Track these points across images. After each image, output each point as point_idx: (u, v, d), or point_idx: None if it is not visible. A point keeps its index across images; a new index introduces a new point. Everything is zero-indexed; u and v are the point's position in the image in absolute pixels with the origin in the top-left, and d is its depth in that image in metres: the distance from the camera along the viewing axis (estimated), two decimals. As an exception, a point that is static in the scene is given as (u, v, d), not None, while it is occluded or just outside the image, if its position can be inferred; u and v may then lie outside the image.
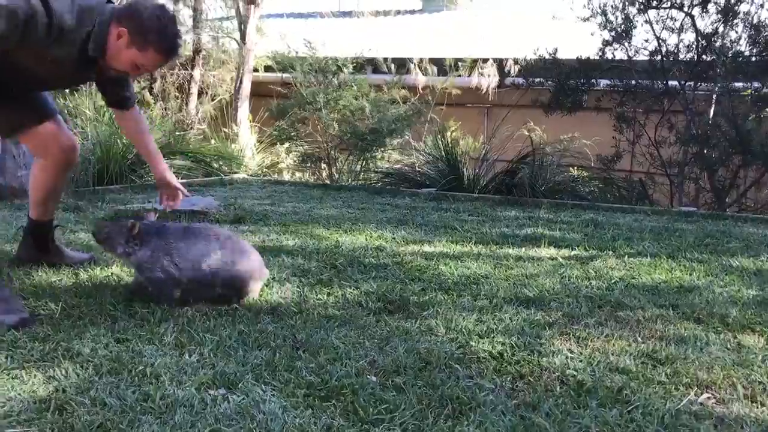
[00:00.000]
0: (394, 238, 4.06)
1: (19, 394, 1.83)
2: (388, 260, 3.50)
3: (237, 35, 10.79)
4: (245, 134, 10.21)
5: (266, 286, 2.95)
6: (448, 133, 8.51)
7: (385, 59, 10.12)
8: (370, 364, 2.15)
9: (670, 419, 1.86)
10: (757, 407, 1.97)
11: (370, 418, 1.78)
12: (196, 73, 11.27)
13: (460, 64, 9.94)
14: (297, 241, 3.89)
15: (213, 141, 9.11)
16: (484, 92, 9.95)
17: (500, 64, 9.89)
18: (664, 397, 2.00)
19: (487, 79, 10.15)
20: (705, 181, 6.71)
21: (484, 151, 7.15)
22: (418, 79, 10.04)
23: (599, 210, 5.33)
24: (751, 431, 1.81)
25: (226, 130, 9.84)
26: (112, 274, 3.04)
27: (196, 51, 11.44)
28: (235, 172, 7.83)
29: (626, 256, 3.76)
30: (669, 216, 5.25)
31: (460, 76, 9.88)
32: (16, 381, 1.93)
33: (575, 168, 7.19)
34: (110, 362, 2.05)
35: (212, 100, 11.50)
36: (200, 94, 11.52)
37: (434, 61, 10.25)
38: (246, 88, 10.36)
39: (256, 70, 10.85)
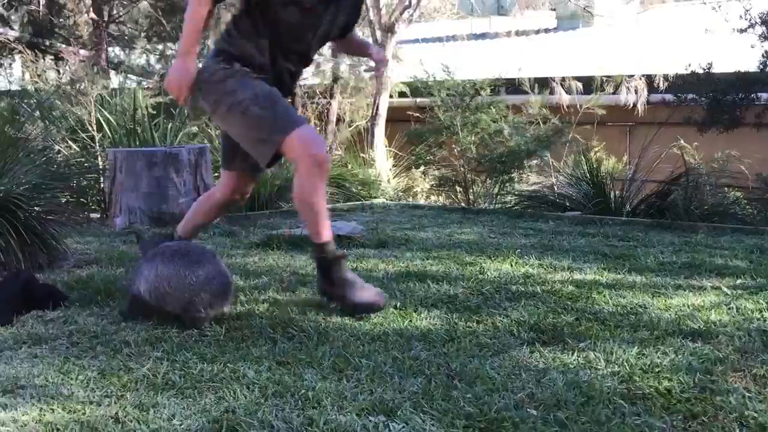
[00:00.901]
0: (540, 264, 3.95)
1: (194, 413, 1.94)
2: (536, 288, 3.41)
3: (373, 63, 11.09)
4: (381, 159, 10.42)
5: (414, 311, 2.96)
6: (592, 153, 8.25)
7: (522, 79, 9.99)
8: (529, 396, 2.09)
9: None
10: None
11: (531, 454, 1.72)
12: (335, 101, 11.67)
13: (604, 80, 9.64)
14: (440, 266, 3.88)
15: (350, 166, 9.36)
16: (629, 110, 9.58)
17: (649, 80, 9.50)
18: None
19: (635, 96, 9.78)
20: None
21: (631, 172, 6.83)
22: (561, 98, 9.83)
23: (764, 235, 4.92)
24: None
25: (364, 156, 10.09)
26: (269, 297, 3.17)
27: (335, 79, 11.86)
28: (374, 197, 7.99)
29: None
30: None
31: (605, 92, 9.58)
32: (189, 400, 2.04)
33: (733, 189, 6.71)
34: (274, 385, 2.13)
35: (349, 126, 11.86)
36: (338, 121, 11.91)
37: (577, 79, 10.01)
38: (382, 114, 10.60)
39: (391, 96, 11.08)
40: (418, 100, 9.99)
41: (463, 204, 8.22)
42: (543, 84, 9.84)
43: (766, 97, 6.64)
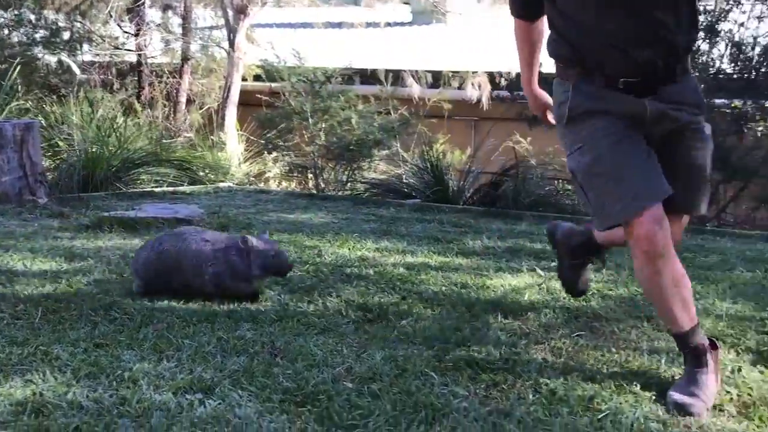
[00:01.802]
0: (377, 248, 4.09)
1: (-3, 397, 1.85)
2: (369, 270, 3.53)
3: (226, 44, 10.83)
4: (233, 143, 10.23)
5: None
6: (437, 145, 8.59)
7: (375, 70, 10.18)
8: (347, 371, 2.18)
9: (639, 427, 1.90)
10: (725, 417, 2.01)
11: (344, 424, 1.81)
12: (185, 81, 11.30)
13: (451, 75, 10.04)
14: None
15: (200, 149, 9.12)
16: (474, 105, 10.03)
17: (491, 77, 9.98)
18: (634, 406, 2.04)
19: (478, 92, 10.25)
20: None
21: (468, 163, 7.20)
22: (412, 90, 10.11)
23: (582, 222, 5.37)
24: (716, 439, 1.85)
25: (214, 138, 9.86)
26: (94, 280, 3.06)
27: (185, 59, 11.47)
28: (221, 181, 7.85)
29: (605, 269, 3.81)
30: (649, 230, 5.31)
31: (451, 87, 9.97)
32: (-7, 384, 1.94)
33: (559, 181, 7.25)
34: (89, 366, 2.07)
35: (200, 108, 11.53)
36: (188, 102, 11.54)
37: (427, 74, 10.34)
38: (234, 97, 10.39)
39: (244, 79, 10.89)
40: (273, 84, 9.91)
41: (313, 190, 8.28)
42: (396, 76, 10.10)
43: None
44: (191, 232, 3.06)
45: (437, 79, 10.33)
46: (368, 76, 10.16)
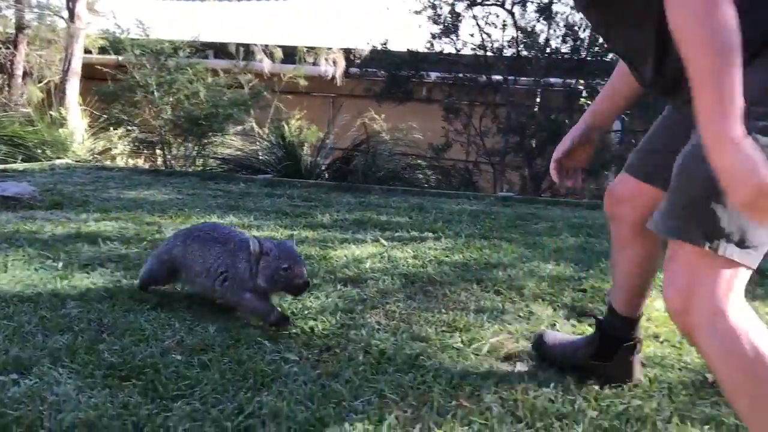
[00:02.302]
0: (221, 223, 4.03)
1: None
2: (212, 244, 3.48)
3: (65, 13, 10.13)
4: (75, 118, 9.63)
5: (78, 272, 2.85)
6: (293, 121, 8.55)
7: (226, 44, 9.93)
8: (178, 343, 2.15)
9: (459, 380, 2.03)
10: (539, 366, 2.18)
11: (170, 395, 1.79)
12: (20, 52, 10.48)
13: (306, 51, 9.99)
14: (117, 227, 3.77)
15: (39, 125, 8.52)
16: (330, 81, 10.05)
17: (347, 53, 10.04)
18: (457, 361, 2.17)
19: (333, 68, 10.28)
20: (525, 169, 7.23)
21: (322, 139, 7.25)
22: (264, 65, 9.96)
23: (426, 196, 5.60)
24: (526, 386, 2.01)
25: (54, 114, 9.24)
26: None
27: (20, 28, 10.64)
28: (60, 158, 7.39)
29: (444, 237, 3.99)
30: (488, 200, 5.62)
31: (307, 63, 9.92)
32: None
33: (410, 157, 7.49)
34: None
35: (39, 82, 10.75)
36: (25, 75, 10.73)
37: (281, 48, 10.22)
38: (75, 69, 9.76)
39: (88, 51, 10.26)
40: (120, 58, 9.41)
41: (162, 167, 7.99)
42: (249, 50, 9.91)
43: (436, 75, 7.46)
44: (206, 228, 2.63)
45: (292, 54, 10.26)
46: (220, 50, 9.91)
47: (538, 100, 7.34)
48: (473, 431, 1.72)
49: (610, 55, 7.10)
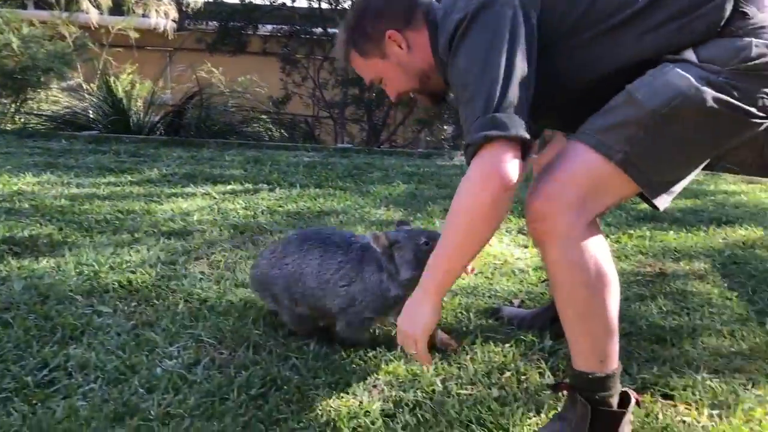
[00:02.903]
0: (38, 182, 3.77)
1: None
2: (24, 204, 3.25)
3: None
4: None
5: None
6: (124, 76, 8.05)
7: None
8: (-23, 304, 2.02)
9: (279, 320, 2.06)
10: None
11: (-37, 356, 1.68)
12: None
13: (134, 1, 9.38)
14: None
15: None
16: (164, 35, 9.55)
17: (179, 4, 9.55)
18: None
19: (165, 20, 9.75)
20: (364, 121, 7.33)
21: (152, 93, 6.91)
22: (91, 16, 9.24)
23: (263, 148, 5.53)
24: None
25: None
26: None
27: None
28: None
29: (278, 188, 3.98)
30: (327, 152, 5.66)
31: (136, 14, 9.33)
32: None
33: (251, 110, 7.33)
34: None
35: None
36: None
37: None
38: None
39: None
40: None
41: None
42: (71, 0, 9.15)
43: (271, 27, 7.32)
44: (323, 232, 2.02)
45: (120, 5, 9.61)
46: (41, 0, 9.09)
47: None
48: (288, 366, 1.76)
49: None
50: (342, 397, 1.61)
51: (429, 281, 1.44)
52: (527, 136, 1.31)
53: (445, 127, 7.83)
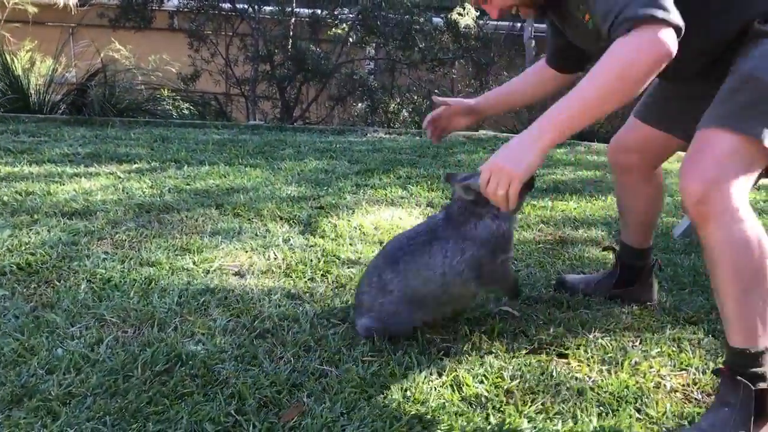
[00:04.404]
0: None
1: None
2: None
3: None
4: None
5: None
6: (22, 53, 7.63)
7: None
8: None
9: (187, 298, 2.04)
10: (268, 278, 2.27)
11: None
12: None
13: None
14: None
15: None
16: (66, 11, 9.08)
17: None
18: (187, 281, 2.18)
19: (66, -5, 9.27)
20: (277, 98, 7.25)
21: (53, 71, 6.60)
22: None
23: (171, 127, 5.40)
24: (253, 296, 2.08)
25: None
26: None
27: None
28: None
29: (186, 166, 3.91)
30: (237, 130, 5.58)
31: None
32: None
33: (161, 88, 7.12)
34: None
35: None
36: None
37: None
38: None
39: None
40: None
41: None
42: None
43: (177, 2, 7.10)
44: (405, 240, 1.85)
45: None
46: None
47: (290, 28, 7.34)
48: (195, 341, 1.76)
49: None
50: (248, 370, 1.63)
51: (547, 123, 1.43)
52: (683, 25, 1.38)
53: (358, 104, 7.84)
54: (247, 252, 2.49)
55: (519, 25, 8.23)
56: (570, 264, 2.55)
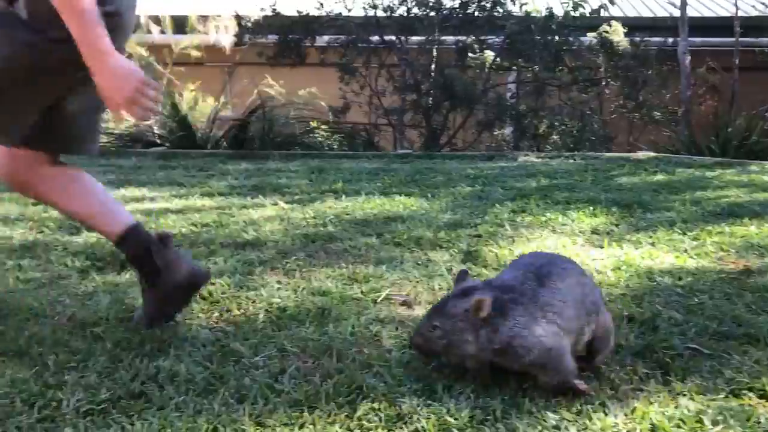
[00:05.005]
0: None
1: None
2: (103, 220, 3.36)
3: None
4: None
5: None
6: (186, 93, 8.28)
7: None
8: (69, 319, 2.08)
9: (359, 328, 2.06)
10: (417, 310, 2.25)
11: (60, 368, 1.74)
12: None
13: (198, 20, 9.64)
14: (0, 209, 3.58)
15: None
16: (224, 50, 9.76)
17: (238, 20, 9.76)
18: (358, 311, 2.20)
19: (225, 37, 9.94)
20: (423, 126, 7.33)
21: (216, 108, 7.08)
22: (154, 36, 9.54)
23: (325, 158, 5.60)
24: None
25: None
26: None
27: None
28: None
29: (344, 196, 4.01)
30: (388, 159, 5.68)
31: (199, 33, 9.58)
32: None
33: (311, 121, 7.44)
34: None
35: None
36: None
37: (171, 18, 9.80)
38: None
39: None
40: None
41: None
42: (136, 23, 9.45)
43: (327, 38, 7.40)
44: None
45: (182, 24, 9.88)
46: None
47: (435, 57, 7.42)
48: (373, 374, 1.76)
49: (500, 9, 7.23)
50: (429, 405, 1.60)
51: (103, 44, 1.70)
52: None
53: (505, 128, 7.76)
54: (411, 281, 2.49)
55: (671, 39, 7.83)
56: (759, 296, 2.33)
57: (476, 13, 7.22)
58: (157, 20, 9.82)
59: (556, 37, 6.53)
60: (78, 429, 1.46)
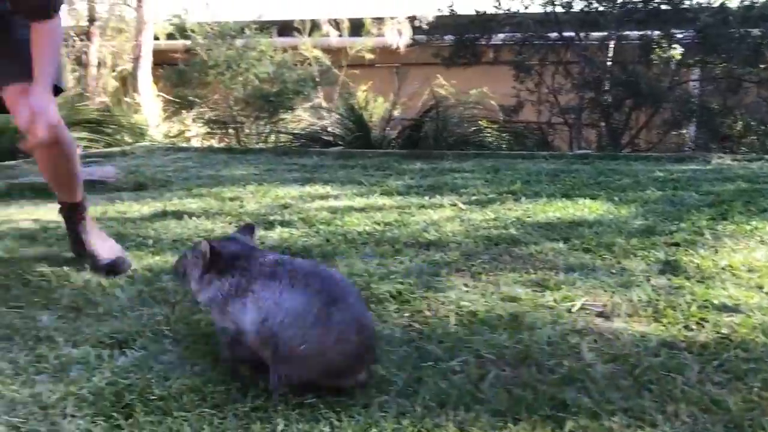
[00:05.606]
0: (300, 196, 4.07)
1: None
2: (293, 216, 3.52)
3: (133, 1, 10.37)
4: (149, 104, 9.89)
5: (168, 249, 2.93)
6: (359, 94, 8.55)
7: (291, 21, 9.97)
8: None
9: (556, 338, 1.98)
10: (636, 321, 2.11)
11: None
12: (94, 43, 10.80)
13: (372, 21, 9.93)
14: (201, 204, 3.86)
15: (115, 112, 8.81)
16: (395, 51, 9.95)
17: (411, 20, 9.90)
18: (552, 319, 2.12)
19: (398, 37, 10.15)
20: (602, 125, 7.00)
21: (390, 109, 7.22)
22: (331, 39, 9.95)
23: (500, 158, 5.50)
24: (625, 341, 1.95)
25: (129, 101, 9.52)
26: (6, 247, 2.94)
27: (91, 20, 10.96)
28: (137, 142, 7.62)
29: (523, 198, 3.91)
30: (566, 159, 5.48)
31: (373, 34, 9.86)
32: None
33: (482, 120, 7.37)
34: (2, 329, 2.01)
35: (113, 71, 11.09)
36: (100, 65, 11.07)
37: (347, 21, 10.16)
38: (147, 56, 10.00)
39: (156, 38, 10.49)
40: (188, 42, 9.57)
41: (236, 145, 8.13)
42: (315, 26, 9.90)
43: (502, 36, 7.28)
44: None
45: (358, 26, 10.20)
46: (285, 28, 9.95)
47: (610, 53, 7.07)
48: (576, 388, 1.67)
49: (687, 2, 6.75)
50: (641, 427, 1.49)
51: None
52: None
53: (692, 128, 7.24)
54: (606, 291, 2.36)
55: None
56: None
57: (662, 6, 6.78)
58: (335, 24, 10.22)
59: (756, 30, 5.96)
60: (290, 421, 1.51)
